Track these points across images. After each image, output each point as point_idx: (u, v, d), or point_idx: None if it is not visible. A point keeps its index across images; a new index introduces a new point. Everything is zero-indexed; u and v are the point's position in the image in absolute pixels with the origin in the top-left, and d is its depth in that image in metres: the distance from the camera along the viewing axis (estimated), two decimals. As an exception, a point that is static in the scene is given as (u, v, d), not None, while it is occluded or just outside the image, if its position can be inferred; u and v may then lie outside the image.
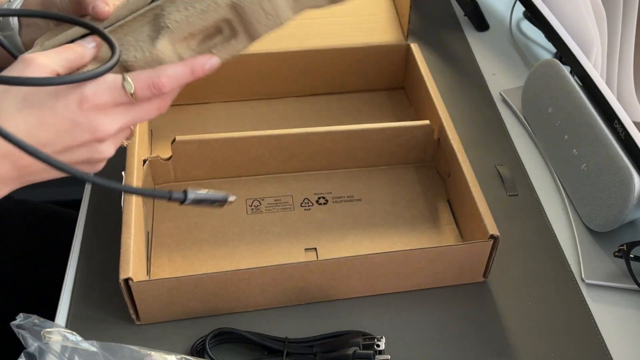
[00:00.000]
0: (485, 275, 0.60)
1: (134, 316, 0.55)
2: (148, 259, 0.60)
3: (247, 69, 0.76)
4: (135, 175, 0.60)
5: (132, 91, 0.43)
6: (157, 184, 0.66)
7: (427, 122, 0.68)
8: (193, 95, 0.77)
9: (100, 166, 0.46)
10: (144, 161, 0.63)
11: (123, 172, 0.59)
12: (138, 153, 0.62)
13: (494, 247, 0.57)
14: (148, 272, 0.59)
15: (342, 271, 0.56)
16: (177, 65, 0.45)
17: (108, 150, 0.45)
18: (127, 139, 0.48)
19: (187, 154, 0.65)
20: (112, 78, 0.43)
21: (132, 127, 0.47)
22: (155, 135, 0.74)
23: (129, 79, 0.43)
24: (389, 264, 0.57)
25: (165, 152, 0.69)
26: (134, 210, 0.56)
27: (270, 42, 0.75)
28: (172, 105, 0.75)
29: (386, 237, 0.64)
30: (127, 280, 0.52)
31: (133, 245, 0.54)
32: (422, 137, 0.68)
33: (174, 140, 0.64)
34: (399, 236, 0.64)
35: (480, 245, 0.57)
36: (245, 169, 0.66)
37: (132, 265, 0.52)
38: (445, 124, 0.67)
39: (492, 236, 0.56)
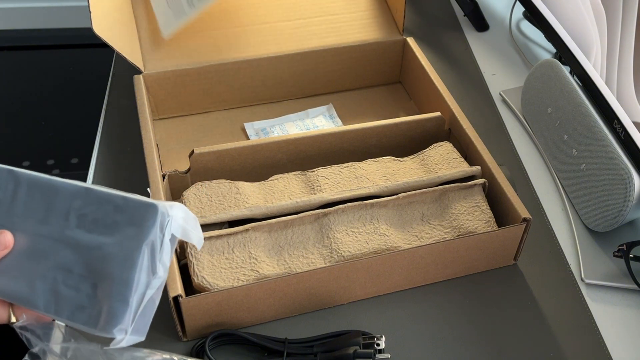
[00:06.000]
0: (515, 258, 0.62)
1: (180, 333, 0.55)
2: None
3: (246, 75, 0.76)
4: (161, 190, 0.59)
5: (14, 323, 0.45)
6: (175, 199, 0.65)
7: (438, 113, 0.69)
8: (193, 105, 0.76)
9: None
10: (163, 176, 0.62)
11: (148, 189, 0.59)
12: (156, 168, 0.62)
13: (526, 230, 0.59)
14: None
15: (381, 268, 0.57)
16: None
17: None
18: None
19: (205, 165, 0.64)
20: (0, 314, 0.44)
21: None
22: (160, 148, 0.72)
23: (14, 318, 0.44)
24: (429, 256, 0.57)
25: (174, 165, 0.69)
26: None
27: (268, 46, 0.76)
28: (172, 117, 0.77)
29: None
30: (176, 298, 0.51)
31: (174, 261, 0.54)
32: (433, 128, 0.69)
33: (192, 152, 0.63)
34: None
35: (514, 229, 0.58)
36: (264, 176, 0.65)
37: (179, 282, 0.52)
38: (456, 114, 0.68)
39: (524, 219, 0.57)
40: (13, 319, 0.44)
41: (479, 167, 0.63)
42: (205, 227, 0.58)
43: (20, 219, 0.43)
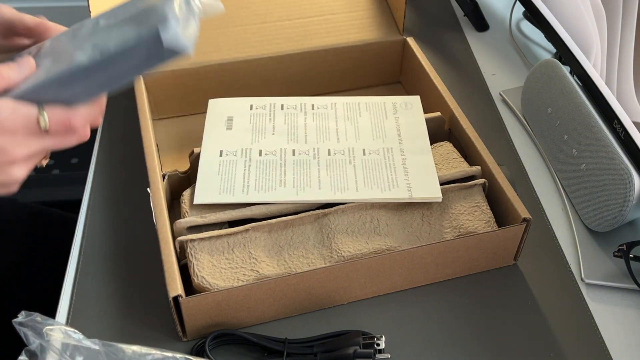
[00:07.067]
0: (515, 258, 0.62)
1: (180, 333, 0.55)
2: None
3: (247, 74, 0.76)
4: (161, 190, 0.59)
5: (46, 128, 0.44)
6: (174, 199, 0.65)
7: (438, 113, 0.69)
8: (194, 105, 0.76)
9: (13, 188, 0.46)
10: (164, 176, 0.62)
11: (148, 189, 0.59)
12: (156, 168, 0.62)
13: (526, 230, 0.59)
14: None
15: (381, 268, 0.56)
16: (89, 107, 0.47)
17: (19, 173, 0.45)
18: (45, 158, 0.49)
19: None
20: (28, 110, 0.43)
21: (46, 152, 0.48)
22: (160, 148, 0.72)
23: (45, 116, 0.44)
24: (429, 256, 0.57)
25: (174, 165, 0.69)
26: (167, 225, 0.56)
27: (268, 45, 0.76)
28: (172, 117, 0.77)
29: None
30: (176, 298, 0.51)
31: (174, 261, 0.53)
32: (433, 129, 0.69)
33: (192, 152, 0.63)
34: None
35: (514, 229, 0.58)
36: None
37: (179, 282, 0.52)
38: (456, 114, 0.68)
39: (524, 219, 0.57)
40: (43, 123, 0.44)
41: (479, 167, 0.63)
42: (205, 227, 0.58)
43: (47, 47, 0.47)
